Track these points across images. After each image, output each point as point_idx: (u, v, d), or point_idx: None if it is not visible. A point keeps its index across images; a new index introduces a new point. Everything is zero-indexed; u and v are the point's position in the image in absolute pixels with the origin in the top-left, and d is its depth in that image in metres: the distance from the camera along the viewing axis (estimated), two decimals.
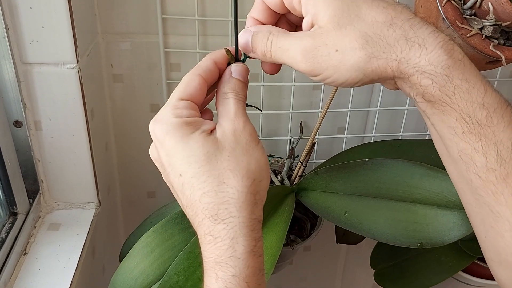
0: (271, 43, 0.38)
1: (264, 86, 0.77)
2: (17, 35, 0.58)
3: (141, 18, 0.72)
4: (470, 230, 0.55)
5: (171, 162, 0.37)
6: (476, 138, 0.35)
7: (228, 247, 0.35)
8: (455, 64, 0.34)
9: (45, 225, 0.68)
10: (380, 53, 0.34)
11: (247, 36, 0.40)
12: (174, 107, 0.38)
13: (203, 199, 0.36)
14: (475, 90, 0.34)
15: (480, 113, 0.34)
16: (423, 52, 0.34)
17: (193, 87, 0.39)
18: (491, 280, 0.80)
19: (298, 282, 1.10)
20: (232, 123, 0.38)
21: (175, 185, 0.38)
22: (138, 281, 0.55)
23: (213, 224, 0.36)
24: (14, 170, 0.64)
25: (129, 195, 0.88)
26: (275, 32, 0.39)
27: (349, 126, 0.84)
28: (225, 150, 0.37)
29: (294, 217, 0.74)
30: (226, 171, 0.36)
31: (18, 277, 0.60)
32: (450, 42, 0.35)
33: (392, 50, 0.34)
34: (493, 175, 0.35)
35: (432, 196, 0.57)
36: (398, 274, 0.77)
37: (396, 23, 0.34)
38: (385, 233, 0.58)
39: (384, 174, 0.60)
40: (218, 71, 0.41)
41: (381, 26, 0.34)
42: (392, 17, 0.34)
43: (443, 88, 0.34)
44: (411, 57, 0.34)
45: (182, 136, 0.37)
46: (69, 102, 0.63)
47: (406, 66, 0.34)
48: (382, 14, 0.34)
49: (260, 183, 0.37)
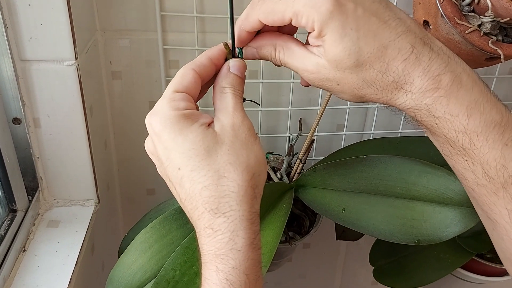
0: (279, 60, 0.41)
1: (263, 83, 0.77)
2: (15, 32, 0.58)
3: (139, 15, 0.72)
4: (468, 227, 0.55)
5: (169, 155, 0.37)
6: (463, 159, 0.38)
7: (228, 239, 0.36)
8: (436, 101, 0.36)
9: (44, 222, 0.68)
10: (373, 95, 0.38)
11: (251, 51, 0.42)
12: (171, 99, 0.38)
13: (204, 193, 0.36)
14: (457, 119, 0.36)
15: (463, 139, 0.37)
16: (409, 95, 0.37)
17: (187, 80, 0.39)
18: (489, 276, 0.80)
19: (298, 279, 1.10)
20: (231, 117, 0.38)
21: (173, 178, 0.38)
22: (135, 277, 0.55)
23: (213, 218, 0.36)
24: (13, 167, 0.64)
25: (129, 192, 0.89)
26: (279, 49, 0.40)
27: (348, 123, 0.84)
28: (224, 144, 0.37)
29: (293, 214, 0.74)
30: (227, 164, 0.36)
31: (18, 274, 0.60)
32: (438, 77, 0.36)
33: (383, 93, 0.38)
34: (484, 189, 0.38)
35: (430, 193, 0.57)
36: (397, 271, 0.77)
37: (390, 69, 0.36)
38: (382, 230, 0.58)
39: (382, 170, 0.60)
40: (214, 67, 0.41)
41: (376, 73, 0.37)
42: (387, 63, 0.36)
43: (426, 119, 0.37)
44: (398, 97, 0.37)
45: (181, 129, 0.37)
46: (68, 99, 0.63)
47: (394, 104, 0.38)
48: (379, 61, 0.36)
49: (259, 177, 0.38)
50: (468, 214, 0.56)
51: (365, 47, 0.36)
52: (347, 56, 0.36)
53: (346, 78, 0.37)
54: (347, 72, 0.37)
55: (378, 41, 0.36)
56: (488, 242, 0.44)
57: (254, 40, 0.41)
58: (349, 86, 0.38)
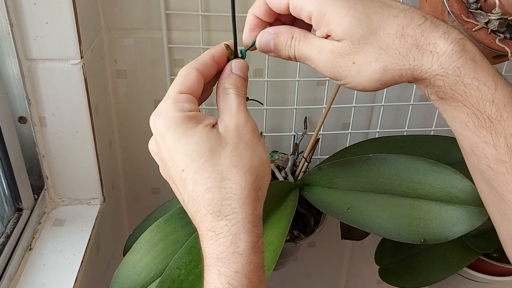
0: (294, 49, 0.40)
1: (268, 82, 0.77)
2: (21, 31, 0.58)
3: (144, 14, 0.72)
4: (474, 226, 0.55)
5: (173, 157, 0.37)
6: (487, 132, 0.37)
7: (230, 243, 0.36)
8: (465, 63, 0.35)
9: (50, 221, 0.69)
10: (394, 64, 0.36)
11: (267, 38, 0.41)
12: (175, 101, 0.37)
13: (206, 195, 0.36)
14: (485, 87, 0.35)
15: (490, 109, 0.36)
16: (435, 58, 0.35)
17: (191, 79, 0.38)
18: (496, 276, 0.80)
19: (303, 278, 1.09)
20: (234, 118, 0.38)
21: (177, 180, 0.37)
22: (140, 276, 0.55)
23: (215, 220, 0.36)
24: (19, 166, 0.64)
25: (134, 191, 0.89)
26: (296, 36, 0.40)
27: (354, 121, 0.83)
28: (228, 145, 0.37)
29: (298, 213, 0.74)
30: (230, 166, 0.36)
31: (24, 273, 0.61)
32: (461, 41, 0.36)
33: (405, 60, 0.36)
34: (503, 166, 0.37)
35: (436, 192, 0.57)
36: (403, 270, 0.77)
37: (407, 33, 0.35)
38: (388, 229, 0.58)
39: (388, 169, 0.60)
40: (217, 66, 0.40)
41: (392, 38, 0.35)
42: (403, 27, 0.35)
43: (454, 87, 0.36)
44: (423, 63, 0.36)
45: (185, 131, 0.36)
46: (73, 98, 0.63)
47: (419, 72, 0.36)
48: (393, 25, 0.36)
49: (262, 179, 0.38)
50: (475, 213, 0.55)
51: (374, 16, 0.35)
52: (358, 24, 0.36)
53: (362, 50, 0.36)
54: (362, 42, 0.36)
55: (386, 12, 0.36)
56: (495, 241, 0.43)
57: (272, 28, 0.41)
58: (366, 59, 0.36)
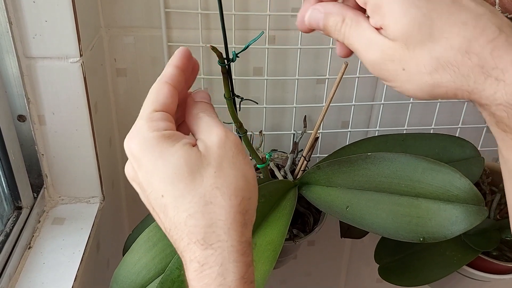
0: (343, 35, 0.35)
1: (267, 80, 0.77)
2: (20, 29, 0.58)
3: (144, 12, 0.72)
4: (473, 225, 0.55)
5: (150, 182, 0.34)
6: None
7: (217, 274, 0.33)
8: None
9: (49, 219, 0.69)
10: (450, 83, 0.31)
11: (316, 16, 0.36)
12: (149, 120, 0.35)
13: (189, 222, 0.33)
14: None
15: None
16: (500, 85, 0.30)
17: (163, 94, 0.36)
18: (495, 274, 0.80)
19: (303, 276, 1.10)
20: (214, 134, 0.35)
21: (157, 207, 0.35)
22: (140, 276, 0.55)
23: (199, 250, 0.33)
24: (18, 164, 0.64)
25: (133, 190, 0.87)
26: (348, 21, 0.34)
27: (353, 120, 0.83)
28: (210, 165, 0.34)
29: (297, 212, 0.74)
30: (213, 189, 0.33)
31: (23, 271, 0.61)
32: None
33: (463, 80, 0.31)
34: None
35: (435, 190, 0.57)
36: (403, 268, 0.77)
37: (473, 49, 0.30)
38: (387, 228, 0.58)
39: (387, 168, 0.60)
40: (184, 75, 0.38)
41: (455, 53, 0.30)
42: (470, 40, 0.30)
43: None
44: (485, 88, 0.30)
45: (161, 152, 0.33)
46: (72, 96, 0.63)
47: (478, 96, 0.31)
48: (458, 36, 0.30)
49: (249, 201, 0.35)
50: (474, 212, 0.55)
51: (438, 21, 0.30)
52: (417, 27, 0.31)
53: (416, 58, 0.31)
54: (418, 49, 0.31)
55: (454, 16, 0.30)
56: (494, 240, 0.43)
57: (323, 5, 0.36)
58: (418, 69, 0.31)
